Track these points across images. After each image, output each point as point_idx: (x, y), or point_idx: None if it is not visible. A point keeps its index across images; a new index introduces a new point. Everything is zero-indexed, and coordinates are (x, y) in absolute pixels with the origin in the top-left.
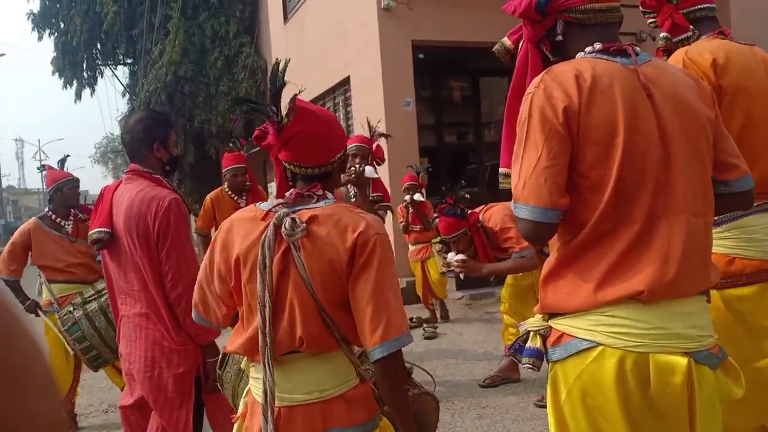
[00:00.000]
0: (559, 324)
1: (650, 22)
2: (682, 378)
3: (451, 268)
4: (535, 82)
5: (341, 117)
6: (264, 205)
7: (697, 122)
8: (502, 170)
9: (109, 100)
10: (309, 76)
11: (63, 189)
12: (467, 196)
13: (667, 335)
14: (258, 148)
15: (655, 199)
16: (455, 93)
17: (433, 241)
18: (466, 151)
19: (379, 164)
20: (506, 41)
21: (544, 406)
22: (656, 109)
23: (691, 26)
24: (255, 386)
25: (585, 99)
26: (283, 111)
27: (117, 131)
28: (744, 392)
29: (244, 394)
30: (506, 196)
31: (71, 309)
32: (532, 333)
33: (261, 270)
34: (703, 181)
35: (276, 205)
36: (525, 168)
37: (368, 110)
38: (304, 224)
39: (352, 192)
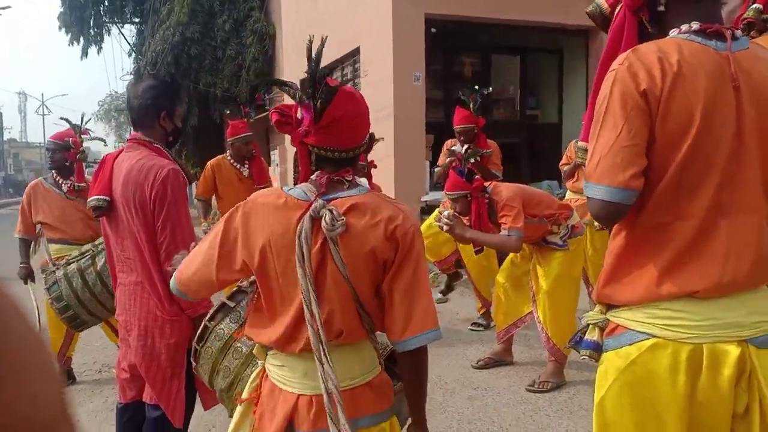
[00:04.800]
0: (616, 316)
1: None
2: (731, 371)
3: (439, 221)
4: (619, 60)
5: None
6: (295, 192)
7: None
8: (581, 144)
9: (114, 59)
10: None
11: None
12: (478, 158)
13: (721, 325)
14: (260, 115)
15: (719, 195)
16: (466, 69)
17: None
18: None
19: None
20: (602, 3)
21: (536, 391)
22: (740, 102)
23: None
24: (277, 373)
25: (668, 85)
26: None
27: (121, 90)
28: None
29: (251, 380)
30: (509, 175)
31: (54, 269)
32: (591, 325)
33: (300, 263)
34: None
35: (317, 195)
36: (601, 146)
37: (377, 83)
38: (344, 218)
39: None
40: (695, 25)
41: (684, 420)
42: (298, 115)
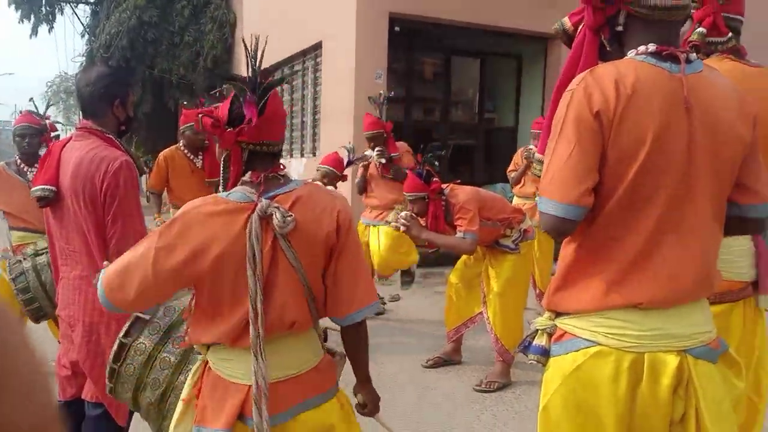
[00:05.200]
0: (564, 323)
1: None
2: (670, 379)
3: (395, 222)
4: (577, 80)
5: (309, 82)
6: (234, 196)
7: (728, 142)
8: (538, 156)
9: (66, 39)
10: (280, 37)
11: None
12: (436, 162)
13: (662, 335)
14: (217, 104)
15: (668, 213)
16: (427, 69)
17: None
18: (431, 128)
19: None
20: (566, 22)
21: (483, 391)
22: (691, 123)
23: (730, 33)
24: (225, 367)
25: (621, 107)
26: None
27: (72, 71)
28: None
29: (191, 375)
30: (464, 176)
31: (21, 259)
32: (539, 331)
33: (251, 263)
34: (720, 200)
35: (260, 194)
36: (555, 164)
37: (338, 78)
38: (292, 215)
39: None
40: (652, 47)
41: (623, 424)
42: (238, 112)
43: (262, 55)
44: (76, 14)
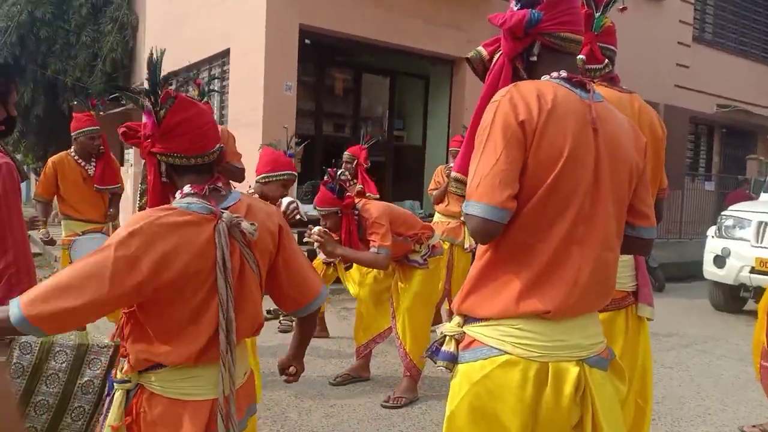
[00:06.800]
0: (473, 330)
1: None
2: (571, 388)
3: (309, 237)
4: (502, 92)
5: (215, 90)
6: (196, 207)
7: (626, 167)
8: (454, 174)
9: None
10: (186, 42)
11: None
12: (349, 176)
13: (564, 346)
14: (115, 110)
15: (576, 226)
16: (337, 84)
17: None
18: (341, 143)
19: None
20: (482, 51)
21: (390, 407)
22: (597, 145)
23: (606, 60)
24: (181, 386)
25: (543, 120)
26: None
27: None
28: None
29: (116, 407)
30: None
31: None
32: (447, 337)
33: (222, 272)
34: (619, 219)
35: (223, 206)
36: (482, 168)
37: (246, 87)
38: (255, 223)
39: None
40: (564, 74)
41: (527, 430)
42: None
43: (157, 69)
44: None
